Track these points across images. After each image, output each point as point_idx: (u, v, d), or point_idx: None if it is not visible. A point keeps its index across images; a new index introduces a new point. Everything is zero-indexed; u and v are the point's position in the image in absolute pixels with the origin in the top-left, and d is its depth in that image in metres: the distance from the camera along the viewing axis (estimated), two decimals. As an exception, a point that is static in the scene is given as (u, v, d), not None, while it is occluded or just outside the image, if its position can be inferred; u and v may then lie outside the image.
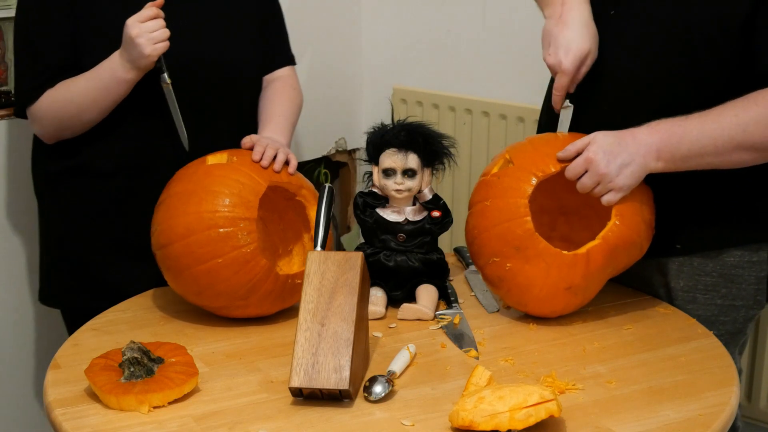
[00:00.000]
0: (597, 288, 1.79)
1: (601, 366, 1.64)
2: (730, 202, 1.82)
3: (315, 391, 1.50)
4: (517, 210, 1.74)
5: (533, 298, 1.76)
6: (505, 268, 1.75)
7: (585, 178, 1.71)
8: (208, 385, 1.58)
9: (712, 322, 1.84)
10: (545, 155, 1.77)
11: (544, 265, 1.72)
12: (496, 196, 1.77)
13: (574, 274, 1.73)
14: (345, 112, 2.95)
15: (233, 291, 1.75)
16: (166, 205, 1.79)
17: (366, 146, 1.89)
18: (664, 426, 1.46)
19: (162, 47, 1.87)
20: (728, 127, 1.67)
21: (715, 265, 1.84)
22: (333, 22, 2.87)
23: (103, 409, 1.50)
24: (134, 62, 1.88)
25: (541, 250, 1.72)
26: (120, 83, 1.91)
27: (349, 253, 1.62)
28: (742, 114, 1.67)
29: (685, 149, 1.69)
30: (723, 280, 1.85)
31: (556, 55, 1.80)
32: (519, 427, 1.39)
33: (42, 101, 1.95)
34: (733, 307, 1.86)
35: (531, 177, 1.75)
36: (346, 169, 3.07)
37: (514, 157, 1.80)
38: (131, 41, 1.86)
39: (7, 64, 2.35)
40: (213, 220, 1.73)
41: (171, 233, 1.75)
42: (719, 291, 1.85)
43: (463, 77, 2.82)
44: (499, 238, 1.75)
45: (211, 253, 1.73)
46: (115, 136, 1.99)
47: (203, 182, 1.77)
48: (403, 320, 1.82)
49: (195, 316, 1.84)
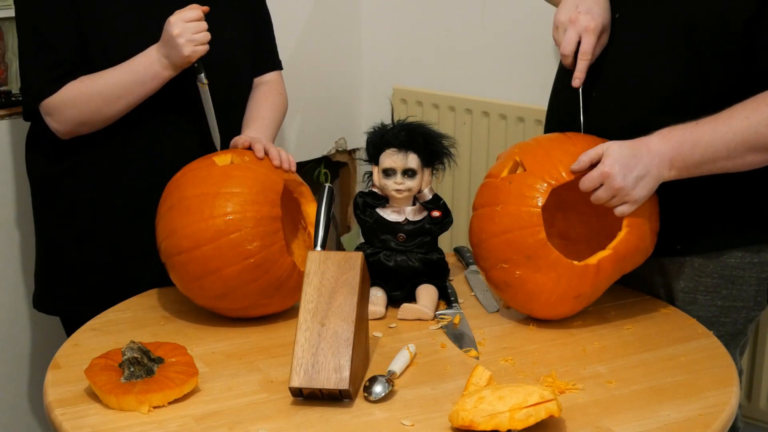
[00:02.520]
0: (601, 293, 1.79)
1: (601, 366, 1.64)
2: (730, 204, 1.81)
3: (315, 391, 1.50)
4: (530, 219, 1.72)
5: (541, 305, 1.76)
6: (514, 275, 1.73)
7: (600, 192, 1.69)
8: (208, 385, 1.58)
9: (712, 323, 1.84)
10: (558, 161, 1.74)
11: (554, 275, 1.71)
12: (507, 203, 1.75)
13: (583, 283, 1.72)
14: (345, 112, 2.95)
15: (262, 290, 1.75)
16: (184, 209, 1.76)
17: (366, 146, 1.89)
18: (664, 426, 1.46)
19: (202, 50, 1.88)
20: (740, 130, 1.66)
21: (716, 266, 1.84)
22: (333, 22, 2.87)
23: (103, 409, 1.50)
24: (172, 60, 1.88)
25: (553, 261, 1.71)
26: (155, 78, 1.91)
27: (349, 253, 1.62)
28: (753, 115, 1.66)
29: (698, 156, 1.68)
30: (724, 281, 1.84)
31: (579, 16, 1.77)
32: (519, 427, 1.39)
33: (62, 94, 1.93)
34: (733, 308, 1.86)
35: (544, 185, 1.72)
36: (346, 169, 3.07)
37: (524, 161, 1.77)
38: (172, 39, 1.86)
39: (7, 64, 2.35)
40: (242, 221, 1.72)
41: (197, 237, 1.73)
42: (720, 292, 1.85)
43: (463, 77, 2.82)
44: (509, 245, 1.73)
45: (243, 254, 1.72)
46: (118, 140, 1.99)
47: (223, 184, 1.76)
48: (403, 320, 1.82)
49: (195, 316, 1.84)
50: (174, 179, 1.83)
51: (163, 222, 1.79)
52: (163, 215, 1.79)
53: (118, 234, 2.02)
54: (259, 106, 2.11)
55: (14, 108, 2.29)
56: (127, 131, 1.98)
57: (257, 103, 2.12)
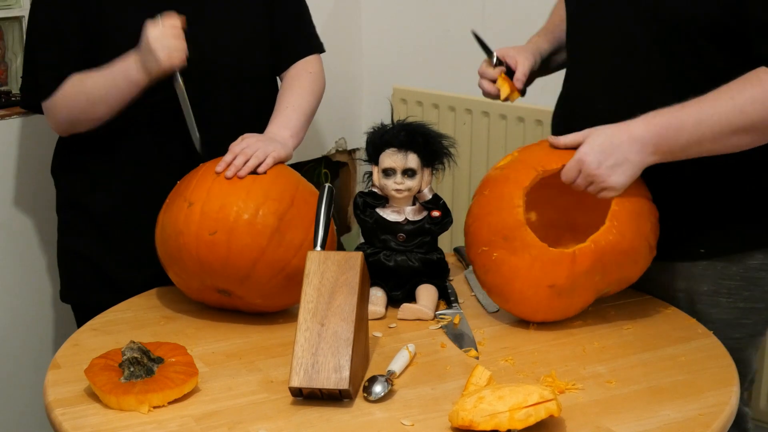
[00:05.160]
0: (583, 295, 1.76)
1: (601, 366, 1.64)
2: (750, 204, 1.81)
3: (315, 391, 1.50)
4: (510, 200, 1.74)
5: (515, 292, 1.74)
6: (492, 257, 1.74)
7: (579, 179, 1.71)
8: (208, 385, 1.58)
9: (734, 326, 1.83)
10: (550, 152, 1.77)
11: (528, 258, 1.72)
12: (494, 188, 1.78)
13: (558, 272, 1.71)
14: (345, 112, 2.95)
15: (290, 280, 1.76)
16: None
17: (366, 146, 1.89)
18: (664, 426, 1.46)
19: (178, 60, 1.88)
20: (725, 112, 1.65)
21: (738, 268, 1.83)
22: (333, 22, 2.87)
23: (103, 409, 1.50)
24: (147, 67, 1.88)
25: (528, 242, 1.72)
26: (131, 84, 1.91)
27: (349, 253, 1.62)
28: (738, 96, 1.65)
29: (683, 140, 1.67)
30: (746, 283, 1.84)
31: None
32: (519, 426, 1.39)
33: (58, 94, 1.96)
34: (754, 310, 1.85)
35: (531, 170, 1.75)
36: (346, 169, 3.07)
37: (520, 154, 1.81)
38: (148, 46, 1.86)
39: (7, 64, 2.35)
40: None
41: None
42: (741, 294, 1.84)
43: (463, 77, 2.80)
44: (490, 226, 1.75)
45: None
46: (130, 136, 2.01)
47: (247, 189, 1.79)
48: (403, 320, 1.82)
49: (195, 316, 1.84)
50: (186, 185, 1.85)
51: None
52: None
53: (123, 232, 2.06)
54: (282, 97, 2.08)
55: (14, 108, 2.29)
56: (126, 135, 2.00)
57: (281, 93, 2.10)
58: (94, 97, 1.94)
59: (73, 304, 2.17)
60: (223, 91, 2.03)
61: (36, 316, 2.38)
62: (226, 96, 2.03)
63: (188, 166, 1.90)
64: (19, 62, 2.30)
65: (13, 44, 2.33)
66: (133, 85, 1.91)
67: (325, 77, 2.15)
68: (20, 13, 2.29)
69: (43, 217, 2.31)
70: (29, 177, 2.29)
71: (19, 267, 2.34)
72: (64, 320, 2.35)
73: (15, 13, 2.30)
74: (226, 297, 1.80)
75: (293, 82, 2.10)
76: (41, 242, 2.35)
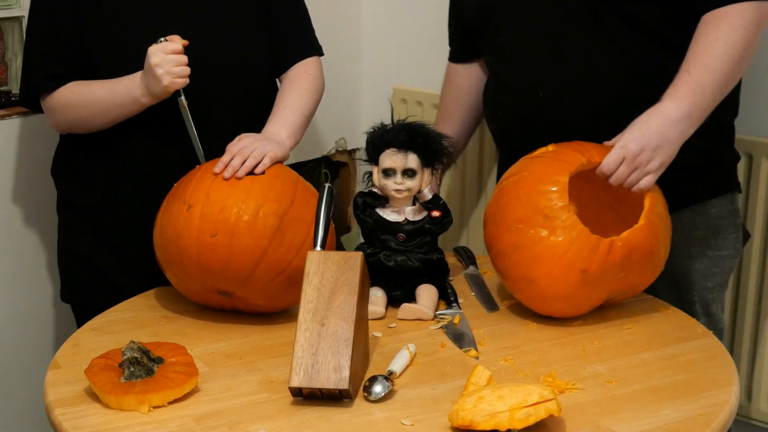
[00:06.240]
0: (601, 292, 1.77)
1: (601, 366, 1.64)
2: (703, 155, 1.89)
3: (315, 390, 1.50)
4: (556, 180, 1.75)
5: (543, 273, 1.73)
6: (527, 234, 1.74)
7: (622, 168, 1.75)
8: (208, 385, 1.58)
9: (706, 276, 1.92)
10: (592, 147, 1.81)
11: (568, 239, 1.72)
12: (536, 170, 1.79)
13: (593, 258, 1.71)
14: (345, 112, 2.95)
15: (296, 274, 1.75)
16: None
17: (366, 146, 1.89)
18: (664, 426, 1.46)
19: (181, 83, 1.89)
20: (723, 52, 1.73)
21: (702, 218, 1.92)
22: (333, 23, 2.87)
23: (103, 409, 1.50)
24: (151, 89, 1.90)
25: (570, 224, 1.72)
26: (133, 103, 1.93)
27: (349, 253, 1.62)
28: (720, 35, 1.73)
29: (709, 96, 1.74)
30: (711, 231, 1.93)
31: None
32: (519, 426, 1.39)
33: (57, 97, 1.98)
34: (720, 258, 1.95)
35: (578, 156, 1.78)
36: (346, 169, 3.07)
37: (557, 146, 1.83)
38: (150, 69, 1.88)
39: (7, 64, 2.35)
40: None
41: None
42: (709, 243, 1.94)
43: (463, 77, 2.81)
44: (530, 203, 1.75)
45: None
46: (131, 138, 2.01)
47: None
48: (403, 320, 1.82)
49: (195, 316, 1.84)
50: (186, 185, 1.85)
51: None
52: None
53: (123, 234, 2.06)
54: (280, 97, 2.08)
55: (14, 108, 2.29)
56: (125, 139, 2.01)
57: (280, 93, 2.10)
58: (97, 110, 1.96)
59: (73, 304, 2.17)
60: (222, 95, 2.03)
61: (36, 316, 2.38)
62: (225, 99, 2.03)
63: (187, 167, 1.90)
64: (19, 62, 2.29)
65: (13, 44, 2.33)
66: (137, 105, 1.94)
67: (324, 79, 2.16)
68: (20, 13, 2.29)
69: (43, 217, 2.31)
70: (29, 177, 2.29)
71: (19, 267, 2.34)
72: (64, 320, 2.35)
73: (15, 13, 2.29)
74: (227, 298, 1.80)
75: (292, 83, 2.10)
76: (41, 242, 2.35)
